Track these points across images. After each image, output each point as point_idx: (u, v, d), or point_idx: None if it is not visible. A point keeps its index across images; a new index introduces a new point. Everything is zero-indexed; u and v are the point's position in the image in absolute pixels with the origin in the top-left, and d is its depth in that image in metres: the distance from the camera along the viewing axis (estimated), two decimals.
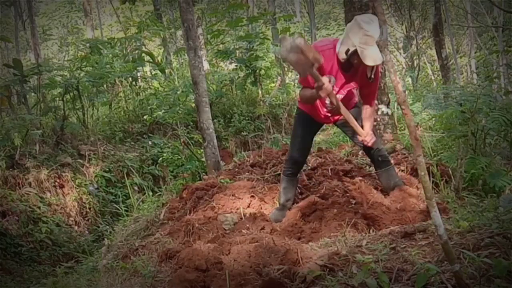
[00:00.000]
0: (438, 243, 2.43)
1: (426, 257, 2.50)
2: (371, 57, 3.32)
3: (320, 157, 5.14)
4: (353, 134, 3.81)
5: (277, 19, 12.72)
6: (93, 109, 9.05)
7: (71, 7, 22.94)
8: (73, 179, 7.08)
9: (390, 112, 5.67)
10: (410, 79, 14.67)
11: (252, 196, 4.22)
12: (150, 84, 10.72)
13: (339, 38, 3.55)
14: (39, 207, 6.36)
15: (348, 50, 3.37)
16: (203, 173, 6.44)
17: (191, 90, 7.60)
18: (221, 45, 10.92)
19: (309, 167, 4.80)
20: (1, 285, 4.96)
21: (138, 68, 10.40)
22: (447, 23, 13.23)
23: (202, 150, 6.87)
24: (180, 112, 8.43)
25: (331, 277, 2.50)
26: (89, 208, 6.99)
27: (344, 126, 3.85)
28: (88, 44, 10.45)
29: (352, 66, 3.49)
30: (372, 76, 3.59)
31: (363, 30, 3.28)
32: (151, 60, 10.69)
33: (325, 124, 4.59)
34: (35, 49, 11.01)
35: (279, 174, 4.79)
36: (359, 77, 3.59)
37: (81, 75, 8.83)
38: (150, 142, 8.41)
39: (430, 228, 2.87)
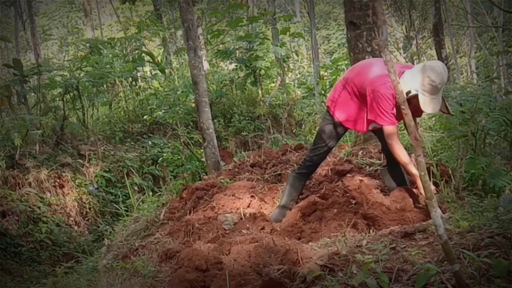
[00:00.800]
0: (438, 243, 2.43)
1: (426, 257, 2.50)
2: (431, 106, 3.33)
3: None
4: (381, 136, 3.78)
5: (277, 19, 12.71)
6: (93, 109, 9.05)
7: (71, 7, 22.99)
8: (73, 179, 7.08)
9: None
10: None
11: (252, 196, 4.22)
12: (150, 84, 10.72)
13: (405, 67, 3.53)
14: (39, 207, 6.36)
15: (409, 92, 3.34)
16: (203, 173, 6.43)
17: (191, 90, 7.61)
18: (221, 45, 10.91)
19: None
20: (1, 285, 4.96)
21: (138, 68, 10.40)
22: (447, 23, 13.23)
23: (202, 150, 6.87)
24: (180, 112, 8.44)
25: (331, 277, 2.50)
26: (89, 208, 6.99)
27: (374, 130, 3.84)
28: (88, 44, 10.45)
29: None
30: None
31: (429, 79, 3.27)
32: (151, 60, 10.69)
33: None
34: (35, 49, 11.01)
35: (279, 174, 4.80)
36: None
37: (81, 75, 8.83)
38: (150, 142, 8.41)
39: (430, 228, 2.87)
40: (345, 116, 3.75)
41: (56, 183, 6.95)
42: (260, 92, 9.79)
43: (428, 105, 3.33)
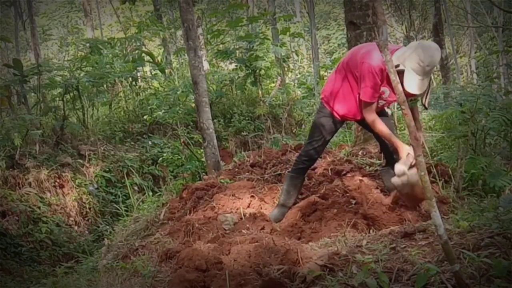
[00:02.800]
0: (438, 243, 2.43)
1: (426, 257, 2.50)
2: (413, 85, 3.27)
3: (320, 157, 5.14)
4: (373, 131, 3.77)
5: (277, 19, 12.70)
6: (93, 109, 9.05)
7: (71, 7, 22.99)
8: (73, 179, 7.08)
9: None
10: None
11: (252, 196, 4.22)
12: (150, 84, 10.72)
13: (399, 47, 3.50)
14: (39, 207, 6.36)
15: (398, 65, 3.28)
16: (203, 173, 6.43)
17: (191, 90, 7.60)
18: (221, 45, 10.91)
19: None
20: (1, 285, 4.96)
21: (138, 68, 10.39)
22: (447, 23, 13.24)
23: (202, 150, 6.87)
24: (180, 112, 8.43)
25: (331, 277, 2.49)
26: (89, 208, 6.99)
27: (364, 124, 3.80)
28: (88, 44, 10.45)
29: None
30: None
31: (418, 58, 3.23)
32: (151, 60, 10.69)
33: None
34: (35, 49, 11.00)
35: (279, 174, 4.80)
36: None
37: (81, 75, 8.82)
38: (150, 142, 8.41)
39: (430, 228, 2.87)
40: (346, 110, 3.73)
41: (56, 183, 6.94)
42: (260, 92, 9.78)
43: (410, 83, 3.26)
